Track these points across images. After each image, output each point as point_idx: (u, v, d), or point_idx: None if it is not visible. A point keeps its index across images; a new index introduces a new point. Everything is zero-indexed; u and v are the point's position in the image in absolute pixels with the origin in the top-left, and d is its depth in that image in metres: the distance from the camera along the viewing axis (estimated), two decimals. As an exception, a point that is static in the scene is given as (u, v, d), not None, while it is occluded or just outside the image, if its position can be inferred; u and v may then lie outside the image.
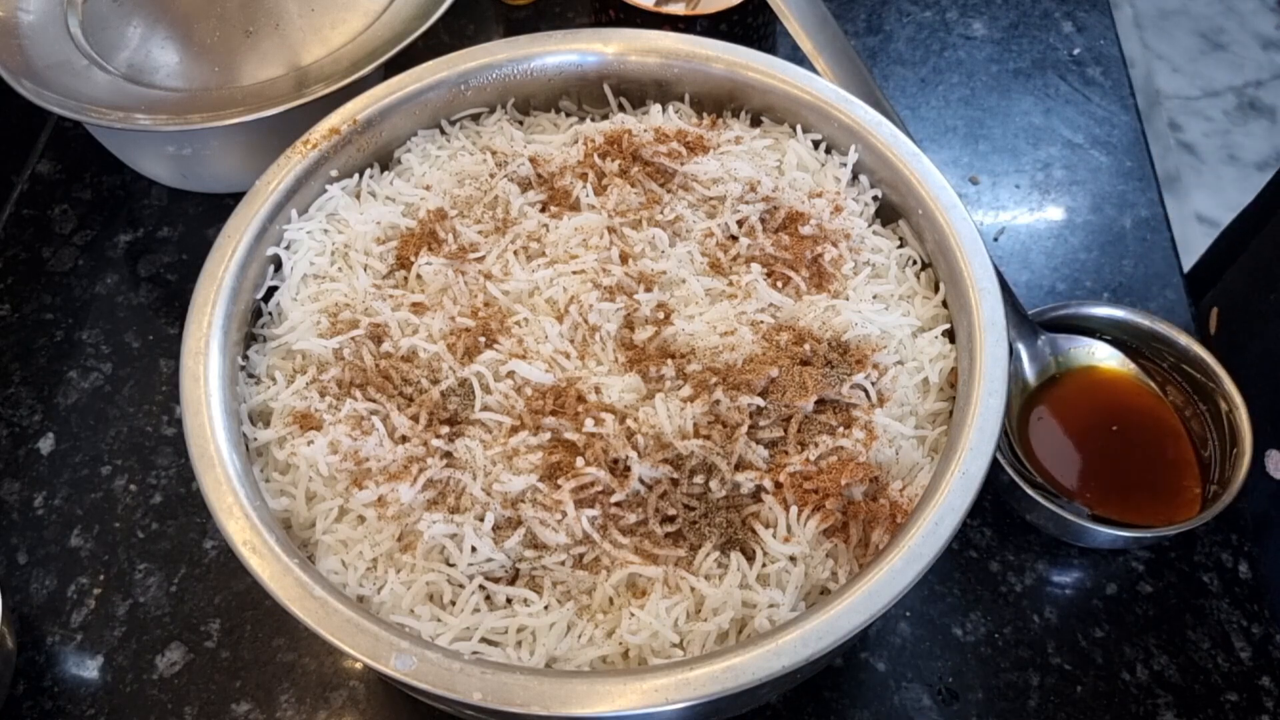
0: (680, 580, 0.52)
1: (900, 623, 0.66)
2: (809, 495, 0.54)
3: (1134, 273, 0.83)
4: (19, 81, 0.78)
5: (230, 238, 0.61)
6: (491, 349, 0.59)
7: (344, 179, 0.67)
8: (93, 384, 0.79)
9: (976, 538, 0.69)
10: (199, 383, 0.56)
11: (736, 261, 0.63)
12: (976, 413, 0.52)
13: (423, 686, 0.46)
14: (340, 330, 0.60)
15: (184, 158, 0.83)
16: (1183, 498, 0.66)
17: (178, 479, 0.74)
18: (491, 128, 0.71)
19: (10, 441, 0.76)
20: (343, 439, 0.56)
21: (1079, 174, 0.89)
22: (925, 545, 0.48)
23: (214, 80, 0.82)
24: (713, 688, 0.45)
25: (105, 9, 0.86)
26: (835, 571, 0.53)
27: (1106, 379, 0.70)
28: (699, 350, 0.58)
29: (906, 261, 0.64)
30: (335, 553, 0.54)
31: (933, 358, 0.59)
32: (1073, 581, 0.68)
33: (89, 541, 0.71)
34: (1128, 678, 0.65)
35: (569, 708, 0.45)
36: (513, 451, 0.55)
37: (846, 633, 0.46)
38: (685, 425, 0.55)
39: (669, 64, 0.70)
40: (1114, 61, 0.96)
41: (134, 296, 0.83)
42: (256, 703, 0.64)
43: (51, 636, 0.67)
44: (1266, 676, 0.64)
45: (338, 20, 0.85)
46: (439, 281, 0.62)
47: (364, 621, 0.48)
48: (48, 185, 0.91)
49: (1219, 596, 0.67)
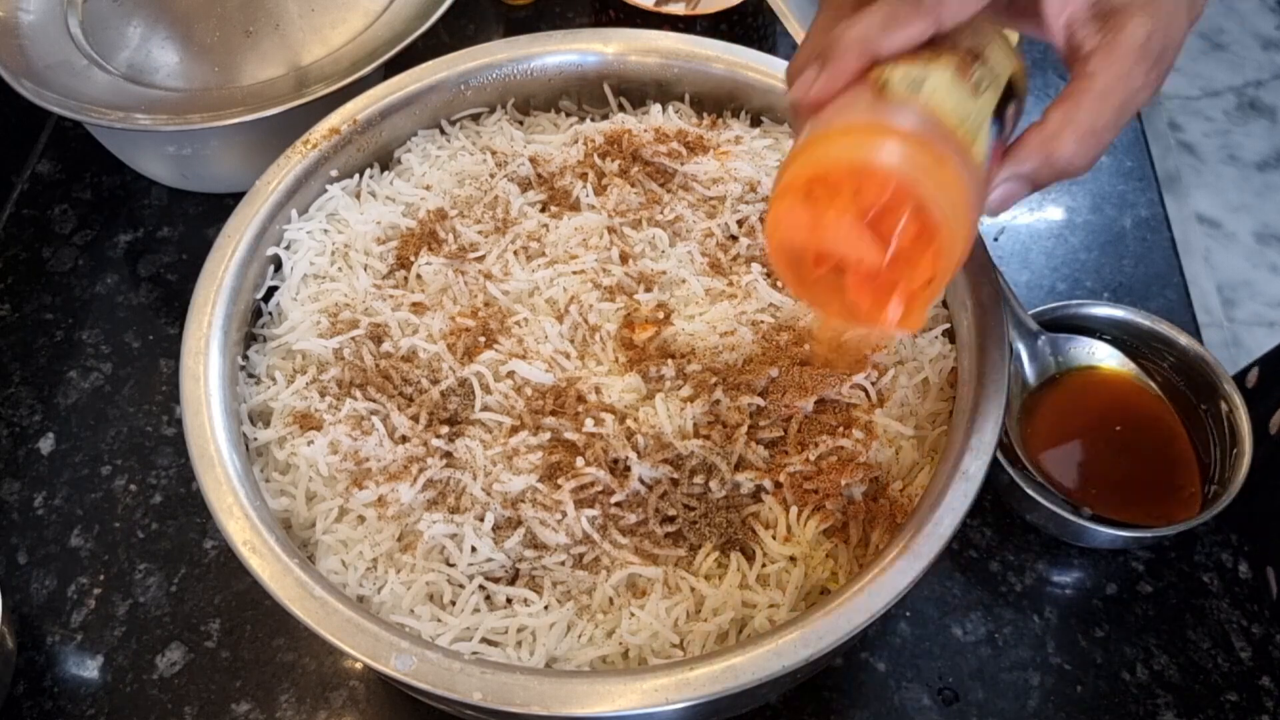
0: (680, 580, 0.52)
1: (900, 623, 0.66)
2: (809, 495, 0.54)
3: (1134, 273, 0.83)
4: (19, 81, 0.78)
5: (230, 238, 0.61)
6: (491, 349, 0.59)
7: (344, 179, 0.67)
8: (93, 384, 0.79)
9: (976, 538, 0.69)
10: (199, 383, 0.56)
11: (736, 261, 0.63)
12: (977, 413, 0.52)
13: (423, 686, 0.46)
14: (340, 330, 0.60)
15: (184, 158, 0.83)
16: (1182, 498, 0.66)
17: (178, 479, 0.74)
18: (491, 128, 0.71)
19: (10, 441, 0.76)
20: (343, 439, 0.56)
21: (1079, 174, 0.89)
22: (925, 545, 0.48)
23: (214, 80, 0.82)
24: (712, 688, 0.45)
25: (105, 9, 0.86)
26: (835, 572, 0.53)
27: (1107, 379, 0.70)
28: (699, 350, 0.58)
29: (906, 261, 0.64)
30: (335, 553, 0.54)
31: (933, 358, 0.59)
32: (1073, 581, 0.68)
33: (89, 541, 0.71)
34: (1128, 677, 0.65)
35: (569, 708, 0.45)
36: (513, 451, 0.55)
37: (846, 633, 0.46)
38: (685, 425, 0.55)
39: (669, 64, 0.70)
40: (1114, 61, 0.96)
41: (134, 296, 0.83)
42: (256, 703, 0.64)
43: (51, 636, 0.67)
44: (1266, 676, 0.64)
45: (338, 20, 0.85)
46: (439, 281, 0.62)
47: (364, 621, 0.48)
48: (48, 185, 0.91)
49: (1219, 596, 0.67)
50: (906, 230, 0.40)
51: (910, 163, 0.39)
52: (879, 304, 0.43)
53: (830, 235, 0.41)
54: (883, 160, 0.39)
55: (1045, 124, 0.43)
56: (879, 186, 0.40)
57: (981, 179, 0.42)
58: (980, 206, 0.42)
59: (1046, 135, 0.43)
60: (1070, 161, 0.43)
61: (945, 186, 0.39)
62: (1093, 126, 0.42)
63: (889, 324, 0.43)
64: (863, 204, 0.40)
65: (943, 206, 0.39)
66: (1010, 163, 0.44)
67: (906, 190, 0.39)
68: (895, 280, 0.42)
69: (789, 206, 0.42)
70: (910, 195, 0.39)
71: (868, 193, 0.40)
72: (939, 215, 0.39)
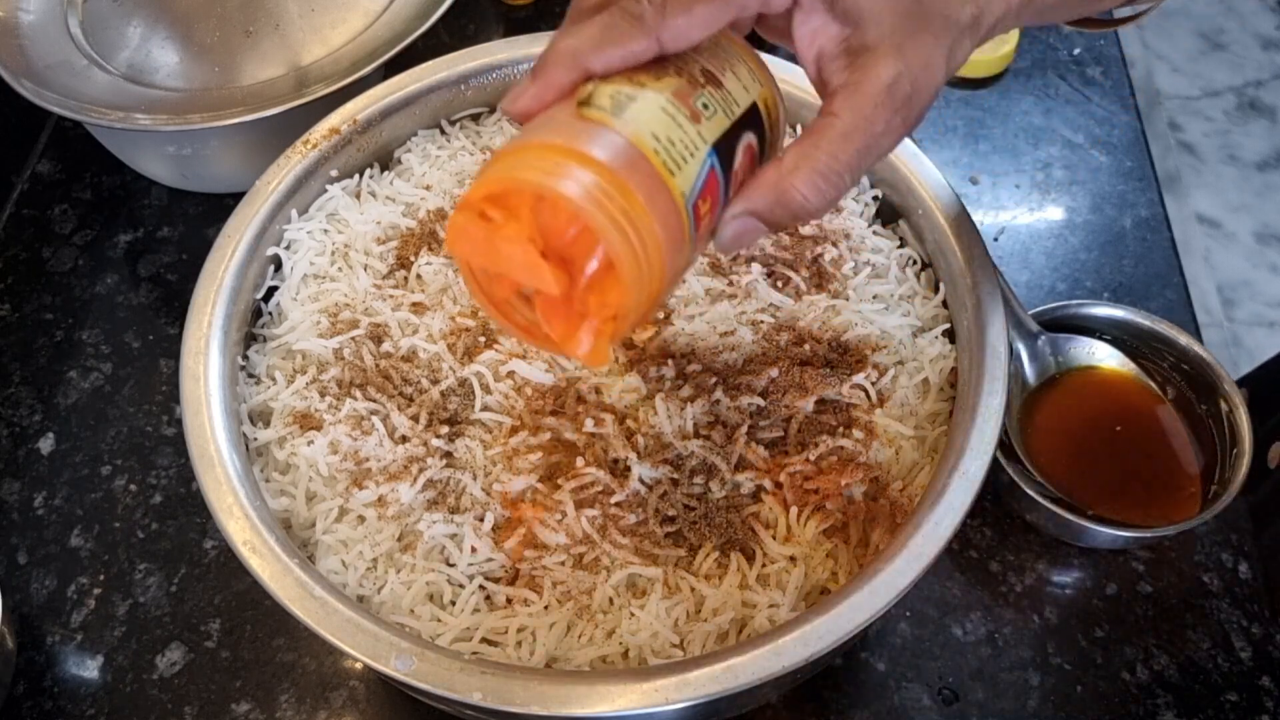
0: (680, 580, 0.52)
1: (900, 623, 0.66)
2: (809, 495, 0.54)
3: (1134, 272, 0.83)
4: (19, 81, 0.78)
5: (230, 238, 0.61)
6: (491, 349, 0.59)
7: (344, 179, 0.67)
8: (93, 384, 0.79)
9: (976, 538, 0.69)
10: (199, 383, 0.56)
11: (736, 261, 0.63)
12: (976, 413, 0.52)
13: (423, 686, 0.46)
14: (340, 330, 0.60)
15: (184, 158, 0.83)
16: (1182, 497, 0.66)
17: (178, 479, 0.74)
18: (491, 128, 0.71)
19: (10, 441, 0.76)
20: (343, 439, 0.56)
21: (1079, 174, 0.89)
22: (925, 545, 0.48)
23: (214, 80, 0.82)
24: (712, 688, 0.45)
25: (105, 9, 0.86)
26: (835, 572, 0.53)
27: (1107, 379, 0.70)
28: (699, 350, 0.58)
29: (907, 261, 0.64)
30: (335, 553, 0.54)
31: (933, 358, 0.59)
32: (1073, 581, 0.68)
33: (89, 541, 0.71)
34: (1128, 678, 0.65)
35: (569, 708, 0.45)
36: (513, 451, 0.55)
37: (847, 633, 0.46)
38: (685, 425, 0.55)
39: (669, 64, 0.70)
40: (1114, 61, 0.96)
41: (134, 296, 0.83)
42: (256, 703, 0.64)
43: (51, 636, 0.67)
44: (1267, 676, 0.64)
45: (338, 20, 0.85)
46: (439, 281, 0.62)
47: (364, 621, 0.48)
48: (48, 185, 0.91)
49: (1219, 596, 0.67)
50: (582, 263, 0.38)
51: (589, 193, 0.36)
52: (567, 333, 0.40)
53: (505, 261, 0.38)
54: (559, 188, 0.36)
55: (782, 161, 0.41)
56: (553, 215, 0.37)
57: (680, 213, 0.39)
58: (684, 242, 0.39)
59: (782, 172, 0.41)
60: (803, 204, 0.40)
61: (630, 220, 0.37)
62: (830, 168, 0.40)
63: (576, 355, 0.40)
64: (537, 232, 0.38)
65: (621, 242, 0.37)
66: (741, 199, 0.41)
67: (582, 222, 0.37)
68: (583, 312, 0.39)
69: (466, 221, 0.38)
70: (586, 228, 0.37)
71: (543, 221, 0.38)
72: (617, 250, 0.37)
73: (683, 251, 0.40)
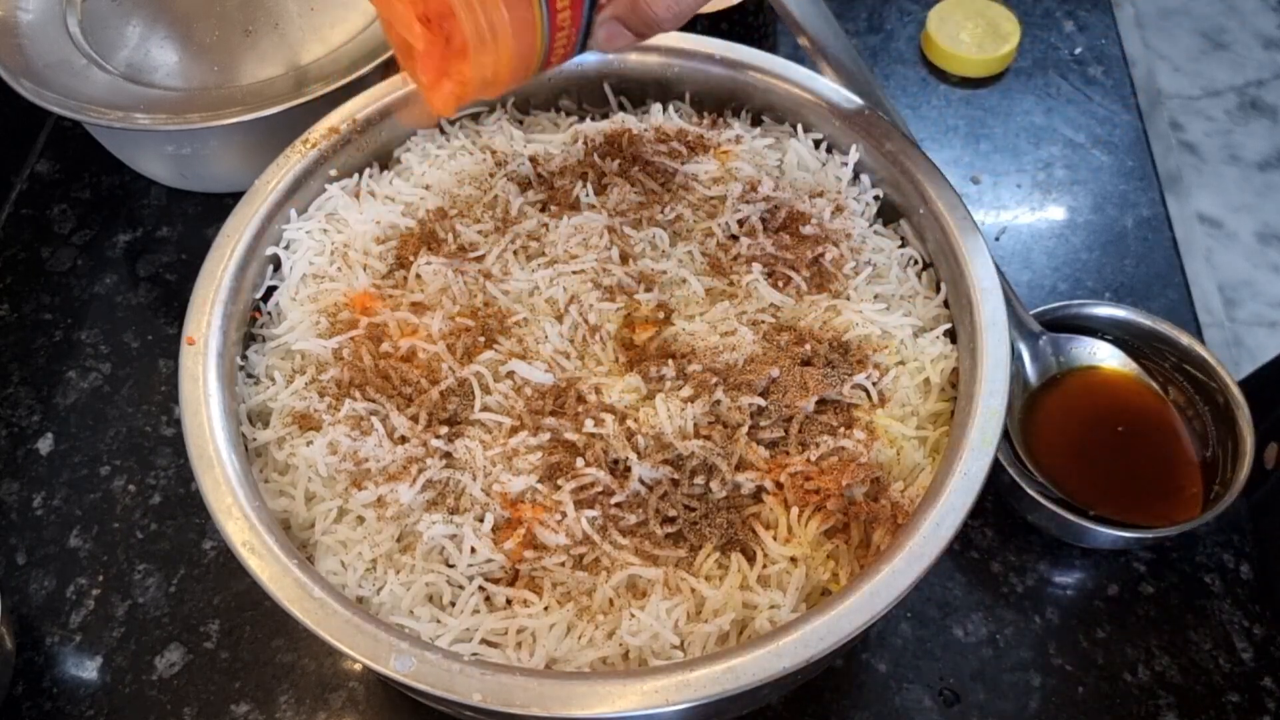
0: (680, 581, 0.52)
1: (901, 623, 0.66)
2: (810, 496, 0.53)
3: (1135, 272, 0.82)
4: (18, 81, 0.78)
5: (229, 237, 0.61)
6: (491, 349, 0.59)
7: (343, 178, 0.67)
8: (92, 384, 0.78)
9: (978, 538, 0.69)
10: (198, 383, 0.55)
11: (737, 261, 0.62)
12: (978, 413, 0.52)
13: (422, 688, 0.46)
14: (339, 330, 0.60)
15: (183, 157, 0.83)
16: (1184, 498, 0.66)
17: (177, 479, 0.73)
18: (491, 127, 0.71)
19: (9, 441, 0.76)
20: (342, 439, 0.56)
21: (1080, 173, 0.89)
22: (926, 546, 0.48)
23: (213, 80, 0.82)
24: (713, 689, 0.45)
25: (105, 8, 0.86)
26: (836, 572, 0.53)
27: (1108, 379, 0.70)
28: (699, 350, 0.58)
29: (908, 261, 0.63)
30: (334, 553, 0.54)
31: (934, 358, 0.59)
32: (1074, 582, 0.68)
33: (88, 542, 0.71)
34: (1129, 678, 0.64)
35: (569, 709, 0.45)
36: (512, 452, 0.55)
37: (847, 634, 0.46)
38: (685, 426, 0.55)
39: (669, 63, 0.70)
40: (1115, 61, 0.96)
41: (133, 296, 0.83)
42: (256, 703, 0.64)
43: (50, 637, 0.67)
44: (1268, 677, 0.64)
45: (337, 19, 0.85)
46: (439, 281, 0.62)
47: (363, 622, 0.48)
48: (47, 185, 0.90)
49: (1221, 597, 0.67)
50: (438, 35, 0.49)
51: None
52: (431, 84, 0.52)
53: (396, 17, 0.51)
54: None
55: None
56: None
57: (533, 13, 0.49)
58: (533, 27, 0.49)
59: None
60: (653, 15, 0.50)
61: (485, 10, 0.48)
62: None
63: (430, 102, 0.53)
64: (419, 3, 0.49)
65: (471, 24, 0.48)
66: (610, 5, 0.51)
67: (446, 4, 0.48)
68: (444, 70, 0.51)
69: None
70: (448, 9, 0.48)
71: None
72: (468, 30, 0.48)
73: (534, 35, 0.50)
